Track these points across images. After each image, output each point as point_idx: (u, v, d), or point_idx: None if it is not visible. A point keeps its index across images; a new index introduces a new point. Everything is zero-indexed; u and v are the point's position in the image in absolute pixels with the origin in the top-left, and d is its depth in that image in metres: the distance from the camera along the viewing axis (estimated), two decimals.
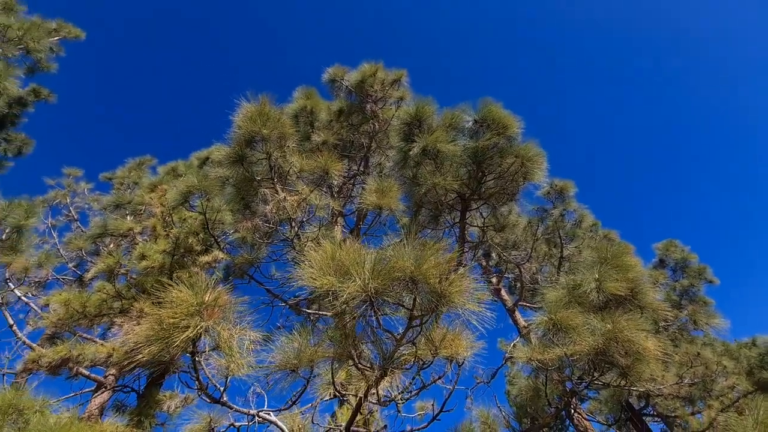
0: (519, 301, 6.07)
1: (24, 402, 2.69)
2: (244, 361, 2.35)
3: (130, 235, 5.88)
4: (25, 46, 8.04)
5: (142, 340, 1.97)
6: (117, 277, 4.74)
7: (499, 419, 4.35)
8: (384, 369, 2.09)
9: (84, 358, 4.09)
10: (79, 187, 8.89)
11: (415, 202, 5.31)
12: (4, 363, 6.08)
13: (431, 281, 1.98)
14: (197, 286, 2.10)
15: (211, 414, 3.05)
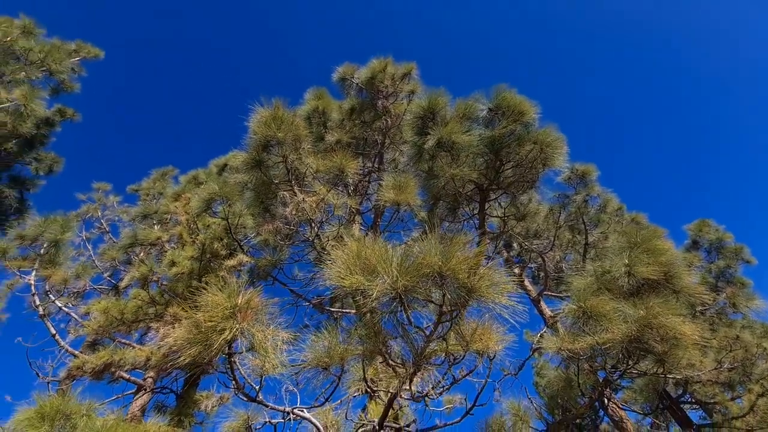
0: (544, 291, 5.96)
1: (71, 407, 2.84)
2: (277, 361, 2.41)
3: (158, 243, 6.11)
4: (48, 68, 8.40)
5: (182, 343, 2.05)
6: (150, 284, 4.95)
7: (530, 411, 4.30)
8: (417, 365, 2.10)
9: (124, 363, 4.30)
10: (108, 200, 9.30)
11: (433, 196, 5.27)
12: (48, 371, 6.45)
13: (460, 276, 1.97)
14: (229, 290, 2.16)
15: (247, 412, 3.14)
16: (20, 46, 7.67)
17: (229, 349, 2.26)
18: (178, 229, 5.67)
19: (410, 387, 2.23)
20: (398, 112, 6.78)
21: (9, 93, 7.07)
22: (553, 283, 6.95)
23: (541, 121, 4.49)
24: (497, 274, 2.13)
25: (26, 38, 7.87)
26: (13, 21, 7.59)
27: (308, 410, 3.01)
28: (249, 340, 2.27)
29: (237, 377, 2.41)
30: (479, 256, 2.18)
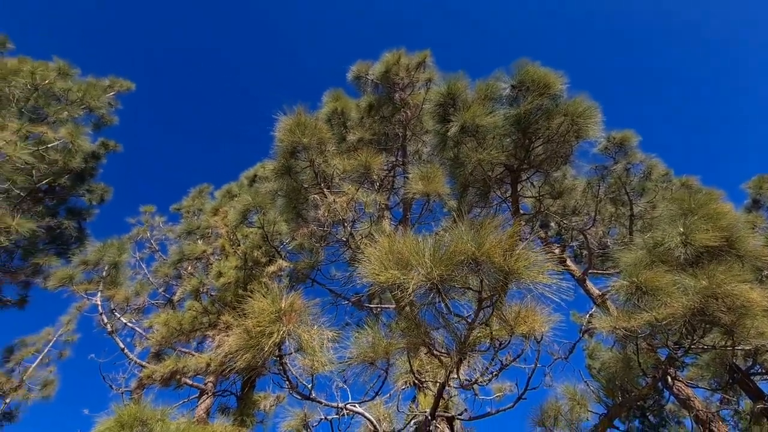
0: (588, 269, 5.66)
1: (146, 414, 3.08)
2: (325, 359, 2.48)
3: (204, 256, 6.50)
4: (87, 105, 9.12)
5: (236, 349, 2.16)
6: (201, 295, 5.27)
7: (587, 394, 4.12)
8: (462, 353, 2.07)
9: (188, 370, 4.63)
10: (154, 221, 10.02)
11: (461, 183, 5.16)
12: (120, 383, 7.08)
13: (496, 260, 1.92)
14: (273, 295, 2.25)
15: (303, 410, 3.27)
16: (59, 88, 8.36)
17: (279, 351, 2.36)
18: (219, 241, 5.99)
19: (458, 375, 2.22)
20: (416, 103, 6.69)
21: (56, 133, 7.75)
22: (598, 261, 6.59)
23: (569, 92, 4.25)
24: (534, 253, 2.05)
25: (63, 79, 8.54)
26: (48, 64, 8.26)
27: (360, 405, 3.08)
28: (296, 341, 2.36)
29: (290, 377, 2.51)
30: (513, 238, 2.11)
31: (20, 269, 8.75)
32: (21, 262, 8.69)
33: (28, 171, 7.02)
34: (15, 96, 7.42)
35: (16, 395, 9.03)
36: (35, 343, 9.77)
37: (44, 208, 8.92)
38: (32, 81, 7.43)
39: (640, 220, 5.79)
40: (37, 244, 8.76)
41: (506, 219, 4.99)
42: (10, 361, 9.62)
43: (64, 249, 9.25)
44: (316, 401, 2.92)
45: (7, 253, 8.81)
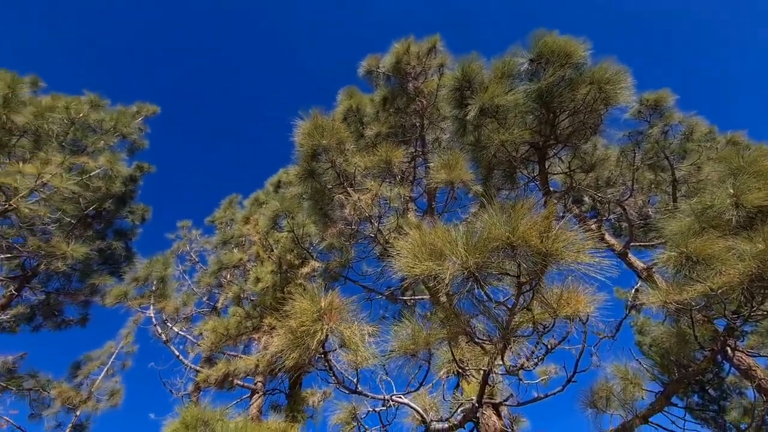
0: (630, 242, 5.37)
1: (207, 414, 3.29)
2: (368, 353, 2.53)
3: (240, 264, 6.78)
4: (120, 133, 9.70)
5: (283, 349, 2.25)
6: (242, 300, 5.53)
7: (640, 372, 3.95)
8: (505, 339, 2.05)
9: (238, 371, 4.89)
10: (192, 234, 10.57)
11: (485, 167, 5.04)
12: (179, 387, 7.60)
13: (533, 243, 1.87)
14: (312, 296, 2.31)
15: (350, 403, 3.36)
16: (93, 119, 8.94)
17: (323, 348, 2.43)
18: (254, 248, 6.22)
19: (503, 361, 2.19)
20: (431, 90, 6.58)
21: (96, 161, 8.31)
22: (640, 232, 6.24)
23: (593, 58, 4.02)
24: (573, 233, 1.98)
25: (96, 111, 9.11)
26: (80, 98, 8.83)
27: (405, 396, 3.13)
28: (339, 337, 2.42)
29: (336, 373, 2.59)
30: (549, 218, 2.04)
31: (79, 290, 9.53)
32: (79, 283, 9.46)
33: (75, 200, 7.58)
34: (54, 131, 8.01)
35: (86, 407, 9.86)
36: (99, 357, 10.63)
37: (94, 232, 9.62)
38: (68, 116, 7.97)
39: (683, 185, 5.41)
40: (92, 266, 9.50)
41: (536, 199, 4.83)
42: (77, 375, 10.53)
43: (115, 268, 9.97)
44: (362, 394, 2.99)
45: (66, 277, 9.61)
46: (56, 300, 9.40)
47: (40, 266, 8.49)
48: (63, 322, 9.61)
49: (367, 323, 2.73)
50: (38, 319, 9.38)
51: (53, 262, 7.33)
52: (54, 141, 7.51)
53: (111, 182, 8.64)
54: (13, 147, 7.07)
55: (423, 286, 5.98)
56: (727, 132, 6.44)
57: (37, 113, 6.92)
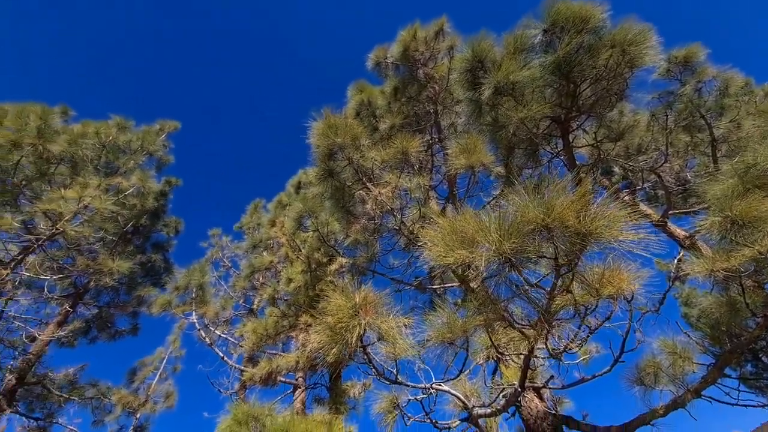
0: (669, 211, 5.09)
1: (256, 410, 3.47)
2: (405, 344, 2.57)
3: (271, 266, 7.00)
4: (147, 151, 10.16)
5: (323, 345, 2.32)
6: (277, 301, 5.72)
7: (689, 345, 3.78)
8: (547, 323, 2.01)
9: (281, 369, 5.09)
10: (223, 241, 11.00)
11: (504, 147, 4.91)
12: (227, 386, 8.02)
13: (569, 223, 1.81)
14: (346, 292, 2.36)
15: (391, 393, 3.43)
16: (122, 141, 9.41)
17: (362, 342, 2.48)
18: (282, 250, 6.39)
19: (546, 345, 2.16)
20: (442, 75, 6.43)
21: (129, 181, 8.76)
22: (679, 199, 5.91)
23: (613, 20, 3.79)
24: (612, 210, 1.90)
25: (123, 133, 9.58)
26: (107, 122, 9.30)
27: (445, 383, 3.15)
28: (376, 331, 2.47)
29: (375, 365, 2.64)
30: (585, 197, 1.97)
31: (127, 302, 10.17)
32: (126, 296, 10.09)
33: (114, 218, 8.04)
34: (88, 156, 8.47)
35: (144, 410, 10.59)
36: (152, 363, 11.34)
37: (134, 247, 10.19)
38: (99, 140, 8.41)
39: (723, 144, 5.05)
40: (136, 279, 10.09)
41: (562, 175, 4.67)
42: (134, 381, 11.30)
43: (157, 279, 10.55)
44: (402, 384, 3.05)
45: (114, 291, 10.26)
46: (108, 313, 10.08)
47: (90, 283, 9.11)
48: (116, 332, 10.31)
49: (401, 315, 2.76)
50: (93, 332, 10.10)
51: (101, 278, 7.84)
52: (89, 165, 7.96)
53: (144, 199, 9.08)
54: (53, 175, 7.55)
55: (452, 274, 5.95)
56: (764, 83, 5.91)
57: (71, 140, 7.33)
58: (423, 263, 4.03)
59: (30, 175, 7.29)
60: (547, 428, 3.74)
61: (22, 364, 7.97)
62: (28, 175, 7.29)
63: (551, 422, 3.77)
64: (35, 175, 7.27)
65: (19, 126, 7.03)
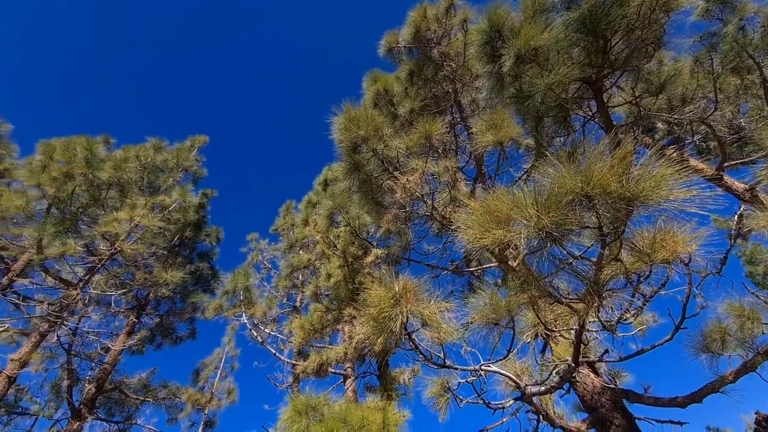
0: (723, 163, 4.64)
1: (314, 401, 3.65)
2: (450, 328, 2.57)
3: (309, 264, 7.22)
4: (183, 167, 10.75)
5: (369, 336, 2.38)
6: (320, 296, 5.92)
7: (758, 306, 3.47)
8: (597, 295, 1.93)
9: (330, 360, 5.30)
10: (261, 245, 11.53)
11: (532, 117, 4.68)
12: (282, 380, 8.49)
13: (612, 189, 1.71)
14: (386, 283, 2.39)
15: (440, 377, 3.46)
16: (159, 161, 10.02)
17: (406, 329, 2.51)
18: (318, 247, 6.57)
19: (598, 317, 2.08)
20: (458, 51, 6.21)
21: (170, 197, 9.35)
22: (734, 149, 5.37)
23: None
24: (657, 169, 1.77)
25: (159, 153, 10.20)
26: (144, 145, 9.93)
27: (494, 364, 3.13)
28: (419, 318, 2.49)
29: (422, 351, 2.67)
30: (626, 159, 1.84)
31: (183, 310, 10.97)
32: (182, 303, 10.88)
33: (162, 234, 8.63)
34: (132, 179, 9.12)
35: (211, 406, 11.46)
36: (212, 363, 12.21)
37: (182, 258, 10.92)
38: (139, 163, 9.01)
39: None
40: (188, 288, 10.84)
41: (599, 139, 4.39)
42: (199, 380, 12.24)
43: (206, 286, 11.28)
44: (451, 368, 3.06)
45: (171, 300, 11.09)
46: (168, 321, 10.94)
47: (150, 295, 9.90)
48: (178, 338, 11.17)
49: (441, 300, 2.76)
50: (158, 339, 11.01)
51: (158, 289, 8.49)
52: (134, 187, 8.56)
53: (186, 212, 9.65)
54: (105, 199, 8.21)
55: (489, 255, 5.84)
56: None
57: (116, 166, 7.91)
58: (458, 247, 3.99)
59: (85, 202, 7.97)
60: (605, 403, 3.62)
61: (99, 373, 8.87)
62: (83, 202, 7.97)
63: (610, 397, 3.63)
64: (89, 201, 7.95)
65: (68, 158, 7.68)
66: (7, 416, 8.57)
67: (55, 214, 7.35)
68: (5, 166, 8.98)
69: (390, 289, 2.43)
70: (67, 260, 7.24)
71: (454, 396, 3.20)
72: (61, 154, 7.21)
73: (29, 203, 7.04)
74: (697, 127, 5.17)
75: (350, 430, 3.38)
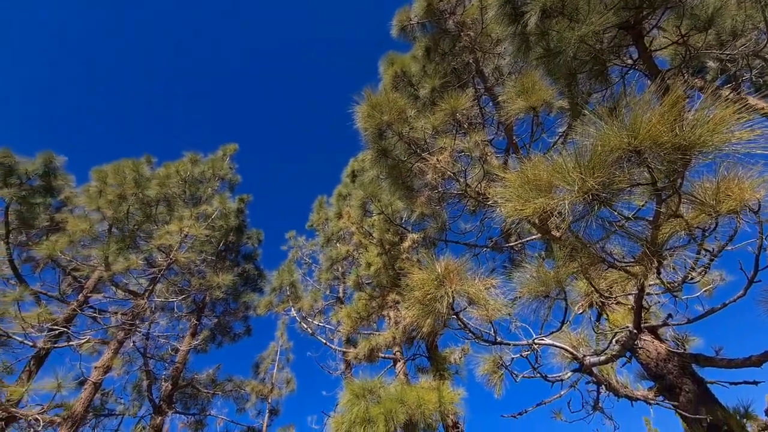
0: None
1: (370, 384, 3.79)
2: (497, 305, 2.53)
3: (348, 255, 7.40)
4: (219, 176, 11.32)
5: (417, 319, 2.41)
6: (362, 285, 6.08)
7: None
8: (657, 255, 1.81)
9: (379, 346, 5.46)
10: (299, 242, 11.97)
11: (564, 76, 4.38)
12: (335, 368, 8.87)
13: (663, 139, 1.57)
14: (427, 266, 2.39)
15: (492, 354, 3.45)
16: (197, 173, 10.61)
17: (453, 309, 2.51)
18: (354, 237, 6.70)
19: (660, 279, 1.95)
20: (474, 17, 5.92)
21: (211, 206, 9.92)
22: None
23: None
24: (713, 111, 1.60)
25: (196, 165, 10.78)
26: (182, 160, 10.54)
27: (547, 337, 3.06)
28: (465, 297, 2.47)
29: (471, 329, 2.66)
30: (678, 104, 1.68)
31: (237, 309, 11.72)
32: (235, 304, 11.63)
33: (209, 241, 9.21)
34: (176, 193, 9.75)
35: (273, 395, 12.25)
36: (269, 356, 13.01)
37: (229, 262, 11.61)
38: (180, 177, 9.60)
39: None
40: (238, 288, 11.55)
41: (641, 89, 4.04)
42: (259, 372, 13.11)
43: (254, 285, 11.96)
44: (503, 344, 3.03)
45: (225, 302, 11.88)
46: (225, 320, 11.76)
47: (206, 298, 10.66)
48: (235, 335, 12.00)
49: (485, 277, 2.72)
50: (219, 338, 11.88)
51: (212, 292, 9.12)
52: (179, 200, 9.16)
53: (227, 219, 10.20)
54: (156, 215, 8.87)
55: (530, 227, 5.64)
56: None
57: (160, 183, 8.49)
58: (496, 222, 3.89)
59: (139, 219, 8.66)
60: (673, 369, 3.43)
61: (173, 372, 9.77)
62: (138, 219, 8.67)
63: (677, 362, 3.43)
64: (143, 218, 8.63)
65: (119, 181, 8.35)
66: (96, 419, 9.68)
67: (116, 233, 8.06)
68: (66, 195, 9.93)
69: (432, 271, 2.43)
70: (131, 273, 7.96)
71: (509, 371, 3.17)
72: (113, 177, 7.85)
73: (92, 226, 7.77)
74: (752, 61, 4.59)
75: (408, 410, 3.48)
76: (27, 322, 6.55)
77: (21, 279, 8.22)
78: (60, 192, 9.16)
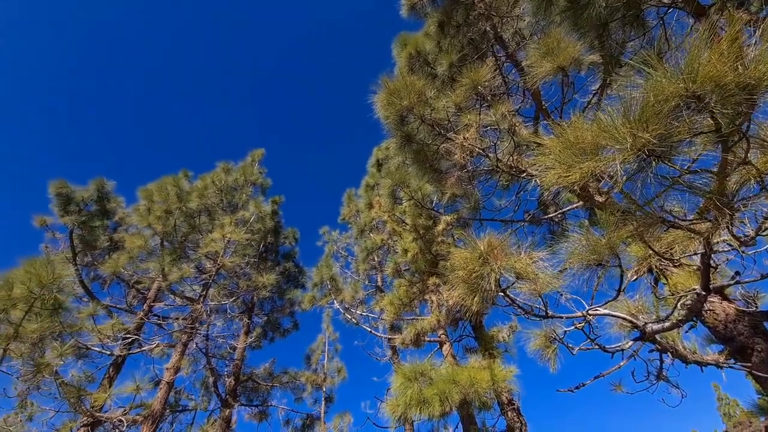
0: None
1: (421, 367, 3.84)
2: (547, 278, 2.45)
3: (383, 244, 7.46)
4: (250, 182, 11.76)
5: (463, 297, 2.38)
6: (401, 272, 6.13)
7: None
8: (729, 207, 1.66)
9: (424, 330, 5.51)
10: (333, 236, 12.25)
11: (593, 28, 4.06)
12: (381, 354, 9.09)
13: (727, 80, 1.42)
14: (470, 244, 2.35)
15: (543, 329, 3.36)
16: (231, 181, 11.07)
17: (500, 286, 2.47)
18: (388, 226, 6.74)
19: (732, 233, 1.79)
20: None
21: (248, 211, 10.37)
22: None
23: None
24: None
25: (228, 174, 11.23)
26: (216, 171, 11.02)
27: (602, 307, 2.93)
28: (511, 272, 2.41)
29: (519, 304, 2.61)
30: (737, 39, 1.50)
31: (283, 306, 12.28)
32: (280, 301, 12.19)
33: (250, 244, 9.64)
34: (215, 202, 10.25)
35: (326, 384, 12.80)
36: (318, 347, 13.57)
37: (270, 262, 12.12)
38: (216, 187, 10.07)
39: None
40: (282, 286, 12.07)
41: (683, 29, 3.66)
42: (311, 364, 13.73)
43: (296, 282, 12.45)
44: (555, 317, 2.94)
45: (271, 300, 12.47)
46: (273, 317, 12.36)
47: (254, 298, 11.24)
48: (285, 331, 12.60)
49: (530, 251, 2.63)
50: (270, 334, 12.54)
51: (259, 292, 9.60)
52: (218, 209, 9.63)
53: (263, 222, 10.60)
54: (199, 225, 9.40)
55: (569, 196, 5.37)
56: None
57: (199, 194, 8.95)
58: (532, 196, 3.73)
59: (185, 231, 9.23)
60: (743, 330, 3.17)
61: (233, 368, 10.46)
62: (185, 231, 9.24)
63: (748, 322, 3.17)
64: (189, 230, 9.18)
65: (164, 198, 8.91)
66: (172, 415, 10.62)
67: (167, 245, 8.65)
68: (120, 216, 10.76)
69: (475, 249, 2.39)
70: (186, 281, 8.54)
71: (565, 345, 3.09)
72: (158, 195, 8.38)
73: (146, 241, 8.39)
74: None
75: (461, 390, 3.50)
76: (103, 334, 7.25)
77: (92, 296, 9.09)
78: (114, 214, 9.94)
